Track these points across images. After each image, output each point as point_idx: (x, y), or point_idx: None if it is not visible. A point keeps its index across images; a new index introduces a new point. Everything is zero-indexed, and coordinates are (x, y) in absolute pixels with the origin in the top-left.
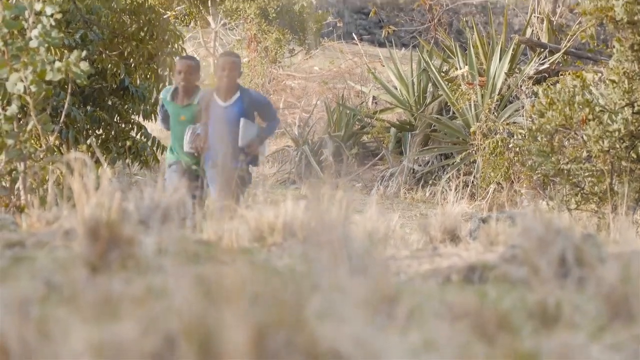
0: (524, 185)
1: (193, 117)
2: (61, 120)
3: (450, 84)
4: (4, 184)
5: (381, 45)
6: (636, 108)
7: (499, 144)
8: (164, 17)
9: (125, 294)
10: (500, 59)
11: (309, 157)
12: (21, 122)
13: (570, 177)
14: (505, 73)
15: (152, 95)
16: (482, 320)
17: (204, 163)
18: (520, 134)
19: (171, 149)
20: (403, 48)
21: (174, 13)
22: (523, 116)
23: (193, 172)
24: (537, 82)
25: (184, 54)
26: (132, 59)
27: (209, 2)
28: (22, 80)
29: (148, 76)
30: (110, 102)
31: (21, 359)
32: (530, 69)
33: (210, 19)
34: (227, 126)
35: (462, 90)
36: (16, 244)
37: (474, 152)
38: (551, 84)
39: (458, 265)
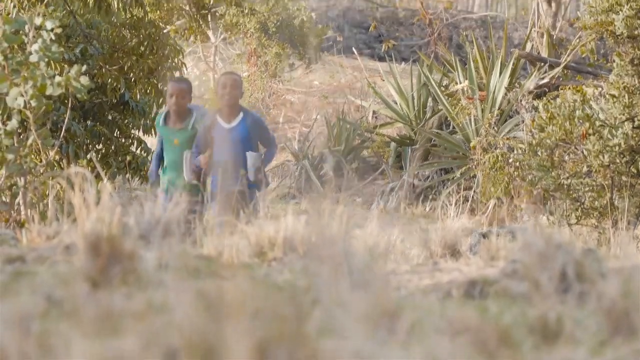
0: (524, 200)
1: (186, 141)
2: (61, 135)
3: (450, 98)
4: (4, 199)
5: (381, 59)
6: (636, 123)
7: (499, 158)
8: (164, 31)
9: (126, 309)
10: (500, 74)
11: (309, 171)
12: (21, 136)
13: (571, 192)
14: (505, 87)
15: (152, 110)
16: (482, 335)
17: (209, 186)
18: (521, 148)
19: (164, 170)
20: (403, 62)
21: (174, 27)
22: (523, 131)
23: (193, 187)
24: (537, 96)
25: (177, 75)
26: (132, 74)
27: (209, 16)
28: (22, 95)
29: (148, 91)
30: (110, 117)
31: None
32: (530, 84)
33: (210, 33)
34: (232, 148)
35: (462, 105)
36: (17, 259)
37: (474, 166)
38: (551, 99)
39: (458, 280)
